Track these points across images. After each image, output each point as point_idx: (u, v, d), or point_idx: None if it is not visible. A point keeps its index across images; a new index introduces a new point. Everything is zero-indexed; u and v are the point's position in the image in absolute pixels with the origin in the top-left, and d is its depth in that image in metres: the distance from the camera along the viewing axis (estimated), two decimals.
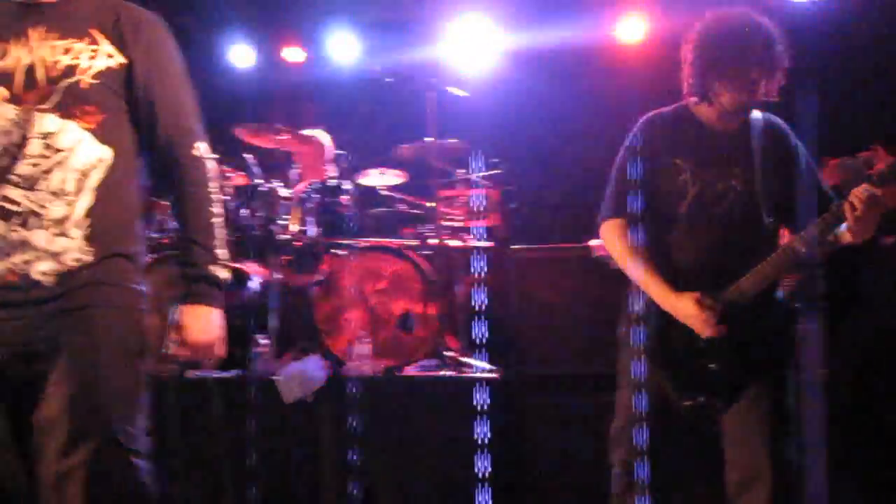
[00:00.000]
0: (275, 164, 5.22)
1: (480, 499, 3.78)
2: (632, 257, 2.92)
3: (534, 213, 5.87)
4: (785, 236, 2.96)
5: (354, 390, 4.20)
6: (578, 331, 4.41)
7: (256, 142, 5.25)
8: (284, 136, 5.16)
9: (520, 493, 4.32)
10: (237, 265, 4.71)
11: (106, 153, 2.21)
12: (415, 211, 5.27)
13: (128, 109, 2.27)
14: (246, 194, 4.75)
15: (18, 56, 2.18)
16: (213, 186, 2.36)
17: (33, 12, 2.23)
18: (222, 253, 2.36)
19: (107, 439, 2.12)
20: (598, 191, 3.12)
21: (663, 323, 2.89)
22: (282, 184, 4.85)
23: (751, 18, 2.88)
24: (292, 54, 6.84)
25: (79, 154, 2.17)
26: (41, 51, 2.19)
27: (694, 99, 2.95)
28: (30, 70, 2.17)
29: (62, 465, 2.09)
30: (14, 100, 2.16)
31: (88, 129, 2.19)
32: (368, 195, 5.29)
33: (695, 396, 2.90)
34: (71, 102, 2.17)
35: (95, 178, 2.19)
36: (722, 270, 2.86)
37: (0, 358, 2.14)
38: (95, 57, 2.22)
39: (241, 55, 6.78)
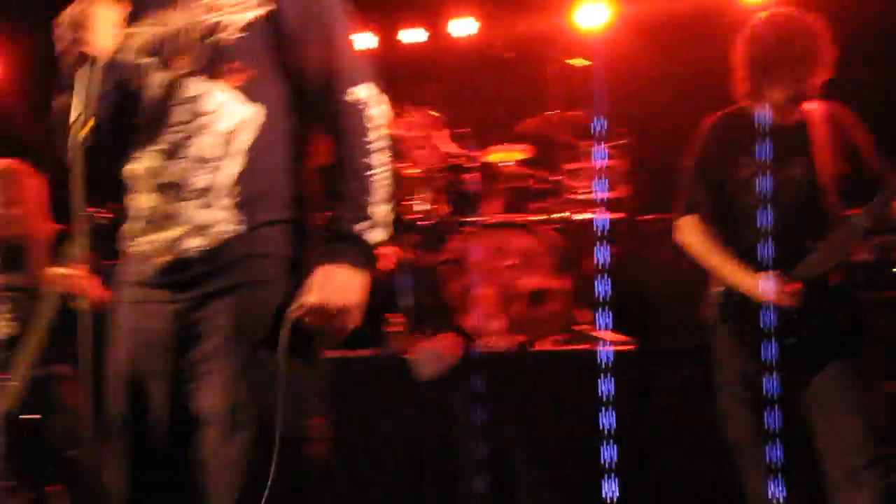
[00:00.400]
0: (400, 145, 5.27)
1: (606, 455, 3.80)
2: (708, 249, 3.14)
3: (662, 182, 5.76)
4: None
5: (487, 366, 4.23)
6: None
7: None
8: (408, 120, 5.19)
9: (646, 461, 4.31)
10: None
11: (254, 112, 2.03)
12: (541, 185, 5.25)
13: (278, 61, 2.06)
14: None
15: (170, 21, 2.08)
16: (373, 134, 2.05)
17: None
18: (379, 211, 2.03)
19: (263, 429, 1.92)
20: None
21: (742, 306, 3.04)
22: (407, 164, 4.90)
23: (795, 17, 3.09)
24: (412, 35, 6.89)
25: (224, 116, 2.01)
26: (190, 12, 2.07)
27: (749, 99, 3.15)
28: (178, 34, 2.06)
29: (222, 456, 1.94)
30: (163, 66, 2.05)
31: (235, 88, 2.02)
32: (494, 171, 5.29)
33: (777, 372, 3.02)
34: (216, 61, 2.02)
35: (243, 141, 2.01)
36: (791, 255, 3.01)
37: (163, 343, 2.03)
38: (241, 10, 2.05)
39: (361, 38, 6.87)
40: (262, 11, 2.05)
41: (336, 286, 1.95)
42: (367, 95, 2.07)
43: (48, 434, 3.57)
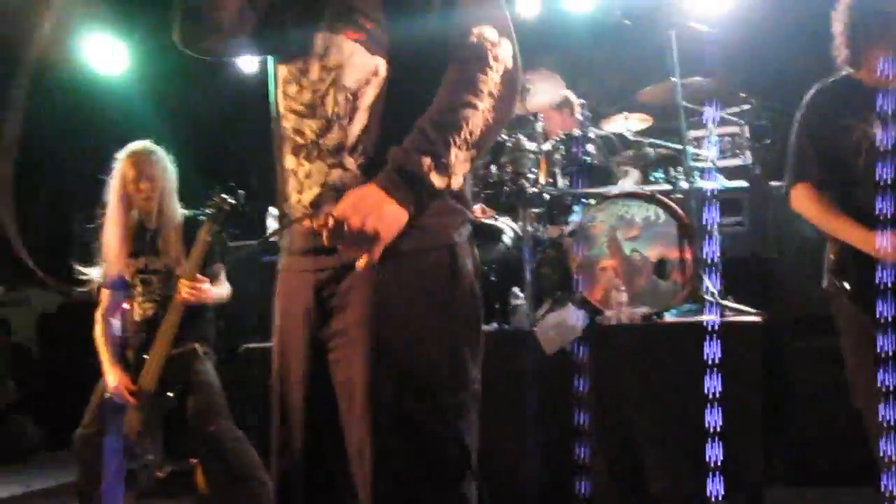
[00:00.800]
0: (519, 119, 5.25)
1: (710, 422, 3.74)
2: (826, 214, 3.16)
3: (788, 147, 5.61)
4: None
5: (612, 338, 4.19)
6: None
7: None
8: (528, 90, 5.17)
9: (783, 435, 4.21)
10: (490, 220, 4.80)
11: (379, 64, 1.90)
12: (664, 154, 5.15)
13: (399, 11, 1.93)
14: (493, 151, 4.81)
15: None
16: (491, 74, 1.84)
17: None
18: (455, 154, 1.81)
19: (401, 408, 1.85)
20: None
21: (863, 267, 3.04)
22: (527, 137, 4.88)
23: None
24: (526, 8, 6.83)
25: (350, 70, 1.91)
26: None
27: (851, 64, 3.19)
28: None
29: (358, 433, 1.87)
30: (298, 22, 1.99)
31: (358, 40, 1.91)
32: (615, 142, 5.23)
33: None
34: (341, 14, 1.93)
35: (369, 96, 1.90)
36: None
37: (305, 313, 1.97)
38: None
39: None
40: None
41: (361, 207, 1.76)
42: (494, 36, 1.87)
43: (187, 410, 3.70)
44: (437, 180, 1.80)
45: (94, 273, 3.88)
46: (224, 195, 3.73)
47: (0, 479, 6.02)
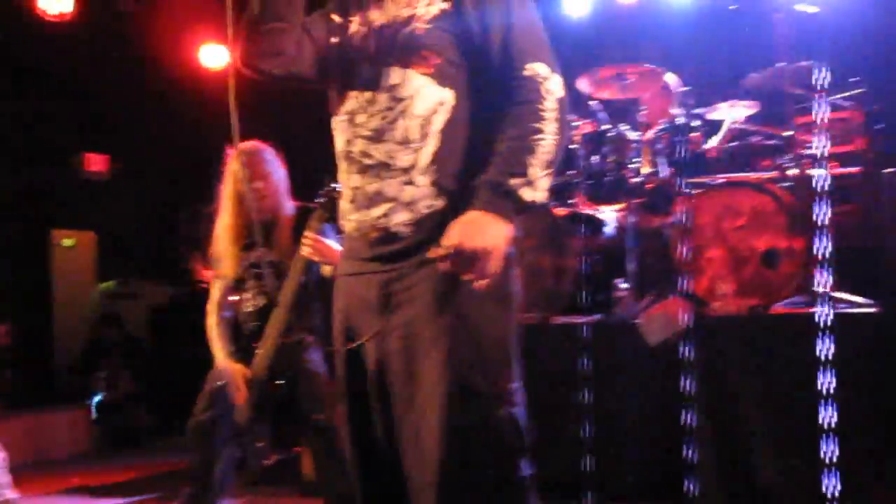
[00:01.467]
0: (621, 108, 5.20)
1: (824, 416, 3.67)
2: None
3: None
4: None
5: (718, 331, 4.12)
6: None
7: (600, 93, 5.24)
8: (629, 81, 5.10)
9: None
10: (591, 211, 4.77)
11: (446, 96, 2.17)
12: (770, 141, 5.02)
13: (462, 48, 2.19)
14: (595, 141, 4.77)
15: (374, 19, 2.26)
16: (549, 104, 2.12)
17: None
18: (537, 173, 2.07)
19: (463, 394, 2.05)
20: None
21: None
22: (629, 127, 4.82)
23: None
24: None
25: (420, 100, 2.17)
26: (391, 9, 2.24)
27: None
28: (381, 29, 2.24)
29: (424, 420, 2.08)
30: (369, 59, 2.23)
31: (427, 74, 2.17)
32: (720, 129, 5.12)
33: None
34: (410, 50, 2.18)
35: (438, 123, 2.16)
36: None
37: (370, 309, 2.18)
38: (429, 2, 2.21)
39: (574, 3, 6.80)
40: (446, 5, 2.20)
41: (474, 230, 2.01)
42: (545, 72, 2.15)
43: (296, 399, 3.76)
44: (528, 194, 2.07)
45: (205, 267, 3.97)
46: (334, 184, 3.74)
47: (116, 465, 6.24)
